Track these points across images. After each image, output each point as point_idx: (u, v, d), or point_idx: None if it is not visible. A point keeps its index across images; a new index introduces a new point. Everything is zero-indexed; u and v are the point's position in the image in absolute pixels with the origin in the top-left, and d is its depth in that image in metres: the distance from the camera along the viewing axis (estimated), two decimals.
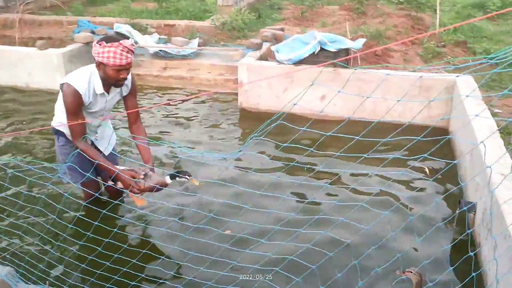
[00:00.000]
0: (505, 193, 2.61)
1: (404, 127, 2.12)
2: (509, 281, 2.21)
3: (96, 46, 2.88)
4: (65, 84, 2.93)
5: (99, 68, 2.95)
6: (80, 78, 2.96)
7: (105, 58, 2.86)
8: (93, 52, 2.92)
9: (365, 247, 2.97)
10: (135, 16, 8.83)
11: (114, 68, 2.88)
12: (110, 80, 2.97)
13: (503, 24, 8.20)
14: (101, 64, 2.91)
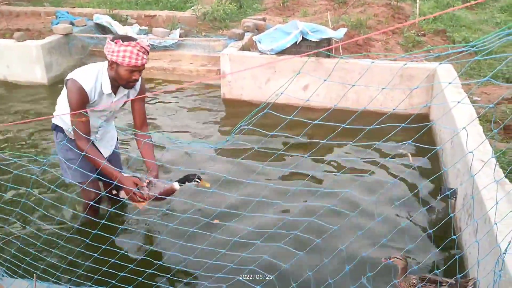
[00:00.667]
0: (485, 179, 2.68)
1: (387, 115, 2.16)
2: (488, 264, 2.28)
3: (111, 44, 2.74)
4: (71, 79, 2.80)
5: (111, 67, 2.82)
6: (87, 75, 2.83)
7: (120, 57, 2.74)
8: (106, 50, 2.78)
9: (351, 233, 3.03)
10: (115, 6, 8.71)
11: (128, 68, 2.77)
12: (121, 81, 2.85)
13: (481, 13, 8.32)
14: (114, 63, 2.78)
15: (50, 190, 3.37)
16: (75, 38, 6.79)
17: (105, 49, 2.79)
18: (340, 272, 2.26)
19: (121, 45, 2.72)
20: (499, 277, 1.84)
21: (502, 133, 4.04)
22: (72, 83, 2.78)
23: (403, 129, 1.90)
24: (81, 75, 2.81)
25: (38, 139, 4.77)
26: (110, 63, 2.81)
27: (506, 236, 2.11)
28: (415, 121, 4.66)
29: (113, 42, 2.74)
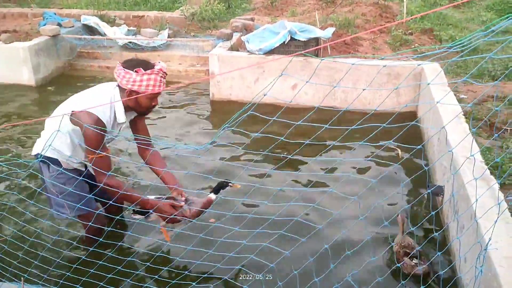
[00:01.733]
0: (470, 176, 2.71)
1: (373, 114, 2.17)
2: (474, 260, 2.31)
3: (131, 74, 2.56)
4: (84, 113, 2.50)
5: (129, 95, 2.62)
6: (103, 105, 2.59)
7: (143, 86, 2.57)
8: (124, 80, 2.58)
9: (337, 232, 3.05)
10: (103, 7, 8.67)
11: (150, 96, 2.63)
12: (141, 109, 2.72)
13: (468, 11, 8.40)
14: (134, 92, 2.60)
15: (37, 193, 3.35)
16: (62, 40, 6.75)
17: (123, 78, 2.58)
18: (326, 270, 2.28)
19: (144, 74, 2.56)
20: (481, 273, 1.87)
21: (488, 130, 4.09)
22: (89, 117, 2.50)
23: (392, 127, 1.92)
24: (94, 105, 2.53)
25: (27, 141, 4.73)
26: (128, 92, 2.61)
27: (486, 232, 2.14)
28: (403, 119, 4.69)
29: (133, 72, 2.56)
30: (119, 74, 2.60)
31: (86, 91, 2.78)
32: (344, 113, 2.09)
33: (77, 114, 2.51)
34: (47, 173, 2.74)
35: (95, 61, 7.02)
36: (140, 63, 2.62)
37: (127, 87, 2.59)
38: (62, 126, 2.49)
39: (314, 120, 1.99)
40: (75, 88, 6.20)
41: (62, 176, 2.71)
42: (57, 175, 2.71)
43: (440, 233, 3.17)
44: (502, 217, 2.35)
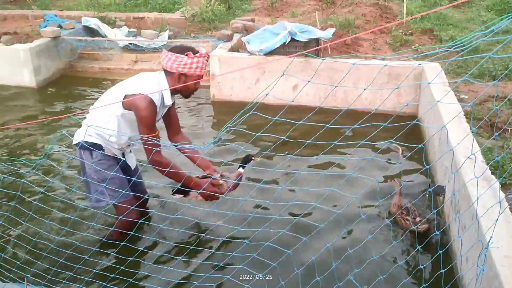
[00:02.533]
0: (471, 175, 2.71)
1: (373, 114, 2.18)
2: (475, 258, 2.31)
3: (183, 58, 2.76)
4: (140, 96, 2.68)
5: (179, 79, 2.82)
6: (152, 89, 2.76)
7: (192, 69, 2.79)
8: (175, 63, 2.77)
9: (337, 231, 3.05)
10: (103, 9, 8.69)
11: (196, 78, 2.82)
12: (187, 92, 2.91)
13: (468, 11, 8.41)
14: (183, 75, 2.81)
15: (40, 193, 3.36)
16: (63, 41, 6.77)
17: (174, 62, 2.76)
18: (328, 269, 2.28)
19: (194, 57, 2.76)
20: (482, 271, 1.87)
21: (489, 130, 4.10)
22: (144, 99, 2.68)
23: (393, 127, 1.93)
24: (147, 89, 2.73)
25: (26, 143, 4.74)
26: (178, 75, 2.80)
27: (487, 231, 2.15)
28: (404, 119, 4.70)
29: (185, 55, 2.75)
30: (169, 58, 2.78)
31: (127, 81, 2.92)
32: (345, 113, 2.10)
33: (131, 97, 2.69)
34: (90, 159, 2.83)
35: (96, 63, 7.04)
36: (188, 48, 2.81)
37: (177, 70, 2.78)
38: (111, 112, 2.74)
39: (315, 120, 2.00)
40: (76, 89, 6.27)
41: (104, 162, 2.85)
42: (100, 160, 2.84)
43: (441, 232, 3.17)
44: (503, 216, 2.36)
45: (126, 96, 2.72)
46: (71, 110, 5.50)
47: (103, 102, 2.85)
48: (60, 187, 3.32)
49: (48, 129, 4.97)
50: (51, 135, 4.75)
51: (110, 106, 2.71)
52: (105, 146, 2.87)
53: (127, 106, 2.73)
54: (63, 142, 4.61)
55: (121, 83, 2.92)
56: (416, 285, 2.72)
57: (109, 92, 2.89)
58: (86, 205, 3.16)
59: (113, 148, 2.91)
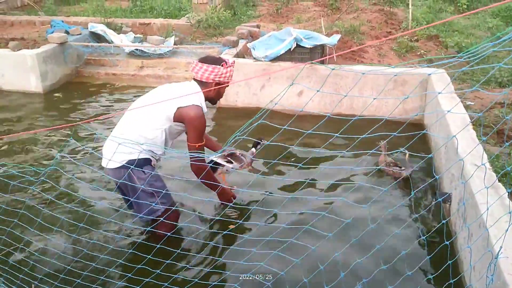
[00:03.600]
0: (479, 184, 2.71)
1: (381, 122, 2.18)
2: (483, 268, 2.30)
3: (219, 68, 2.99)
4: (194, 106, 2.91)
5: (214, 88, 3.04)
6: (199, 98, 3.00)
7: (227, 77, 3.05)
8: (212, 74, 2.99)
9: (345, 241, 3.04)
10: (109, 15, 8.75)
11: (227, 85, 3.08)
12: (218, 98, 3.19)
13: (473, 18, 8.40)
14: (218, 84, 3.03)
15: (48, 200, 3.37)
16: (70, 47, 6.80)
17: (211, 72, 2.99)
18: (335, 279, 2.27)
19: (228, 66, 3.03)
20: (491, 281, 1.86)
21: (496, 138, 4.09)
22: (198, 109, 2.91)
23: (399, 134, 1.93)
24: (197, 100, 2.95)
25: (35, 150, 4.76)
26: (213, 85, 3.02)
27: (497, 240, 2.14)
28: (410, 127, 4.70)
29: (221, 66, 3.00)
30: (205, 69, 3.00)
31: (163, 91, 3.09)
32: (350, 120, 2.09)
33: (185, 109, 2.88)
34: (142, 175, 2.89)
35: (102, 68, 7.07)
36: (219, 59, 3.06)
37: (214, 80, 3.02)
38: (158, 126, 2.90)
39: (322, 128, 2.00)
40: (83, 94, 6.30)
41: (154, 175, 2.97)
42: (152, 176, 2.91)
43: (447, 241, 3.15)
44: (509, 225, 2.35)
45: (179, 108, 2.88)
46: (78, 115, 5.51)
47: (147, 116, 2.93)
48: (69, 193, 3.33)
49: (56, 135, 4.99)
50: (61, 142, 4.77)
51: (156, 120, 2.89)
52: (152, 159, 3.01)
53: (179, 118, 2.90)
54: (72, 149, 4.63)
55: (156, 95, 3.05)
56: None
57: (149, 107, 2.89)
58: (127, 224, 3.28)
59: (154, 160, 3.05)
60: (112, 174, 2.93)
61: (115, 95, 6.34)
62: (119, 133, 2.94)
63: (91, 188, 3.76)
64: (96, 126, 5.27)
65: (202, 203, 3.28)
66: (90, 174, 4.13)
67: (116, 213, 3.42)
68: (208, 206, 3.56)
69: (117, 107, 5.88)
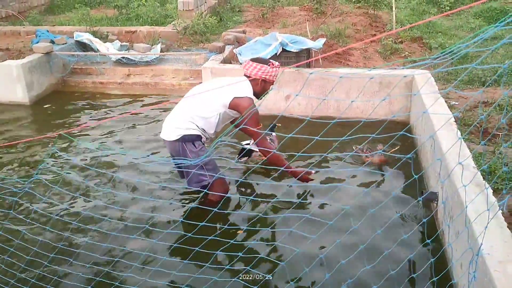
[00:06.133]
0: (463, 182, 2.74)
1: (366, 122, 2.21)
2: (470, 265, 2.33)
3: (267, 67, 3.54)
4: (247, 98, 3.46)
5: (260, 84, 3.57)
6: (250, 91, 3.53)
7: (272, 76, 3.57)
8: (260, 71, 3.52)
9: (330, 241, 3.07)
10: (95, 23, 8.74)
11: (271, 83, 3.61)
12: (263, 92, 3.63)
13: (456, 19, 8.52)
14: (264, 81, 3.57)
15: (32, 211, 3.35)
16: (56, 57, 6.77)
17: (259, 69, 3.52)
18: (321, 280, 2.29)
19: (274, 67, 3.57)
20: (474, 278, 1.89)
21: (480, 136, 4.14)
22: (251, 101, 3.47)
23: (385, 135, 1.97)
24: (250, 93, 3.51)
25: (21, 160, 4.72)
26: (260, 82, 3.57)
27: (478, 237, 2.16)
28: (397, 127, 4.73)
29: (267, 65, 3.54)
30: (255, 67, 3.56)
31: (221, 81, 3.68)
32: (337, 122, 2.12)
33: (240, 100, 3.44)
34: (194, 148, 3.45)
35: (89, 77, 7.05)
36: (268, 60, 3.64)
37: (261, 77, 3.55)
38: (215, 109, 3.46)
39: (309, 131, 2.02)
40: (69, 104, 6.26)
41: (203, 149, 3.50)
42: (201, 148, 3.49)
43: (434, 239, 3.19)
44: (496, 221, 2.38)
45: (235, 98, 3.44)
46: (64, 126, 5.48)
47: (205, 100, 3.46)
48: (53, 201, 3.32)
49: (41, 146, 4.95)
50: (44, 152, 4.74)
51: (214, 104, 3.46)
52: (203, 137, 3.52)
53: (233, 106, 3.45)
54: (56, 158, 4.60)
55: (212, 84, 3.70)
56: None
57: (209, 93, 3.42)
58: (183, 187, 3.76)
59: (205, 138, 3.58)
60: (168, 145, 3.56)
61: (102, 103, 6.31)
62: (178, 112, 3.54)
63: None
64: (81, 134, 5.25)
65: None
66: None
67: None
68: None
69: (102, 115, 5.85)
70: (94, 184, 3.99)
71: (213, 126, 3.54)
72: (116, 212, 3.59)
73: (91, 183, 4.01)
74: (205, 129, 3.52)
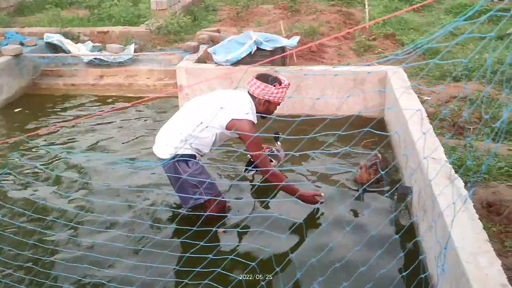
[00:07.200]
0: (435, 175, 2.77)
1: (341, 119, 2.22)
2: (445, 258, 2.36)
3: (271, 88, 3.25)
4: (247, 121, 3.19)
5: (264, 104, 3.32)
6: (252, 112, 3.26)
7: (277, 97, 3.29)
8: (263, 92, 3.26)
9: (301, 240, 3.09)
10: (66, 24, 8.58)
11: (277, 104, 3.36)
12: (266, 114, 3.36)
13: (428, 15, 8.65)
14: (268, 102, 3.31)
15: None
16: (25, 59, 6.62)
17: (262, 90, 3.26)
18: (292, 280, 2.29)
19: (280, 87, 3.27)
20: (442, 271, 1.91)
21: (452, 130, 4.21)
22: (252, 125, 3.21)
23: (361, 131, 2.01)
24: (251, 114, 3.23)
25: None
26: (263, 102, 3.31)
27: (448, 230, 2.19)
28: (371, 123, 4.76)
29: (272, 86, 3.25)
30: (258, 86, 3.28)
31: (220, 97, 3.40)
32: (313, 120, 2.13)
33: (238, 123, 3.18)
34: (187, 168, 3.23)
35: (60, 79, 6.90)
36: (275, 78, 3.31)
37: (263, 97, 3.29)
38: (212, 129, 3.18)
39: (286, 128, 2.02)
40: (41, 107, 6.12)
41: (198, 168, 3.28)
42: (196, 168, 3.26)
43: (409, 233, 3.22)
44: (467, 214, 2.42)
45: (233, 120, 3.18)
46: (35, 130, 5.36)
47: (200, 118, 3.16)
48: None
49: (8, 150, 4.83)
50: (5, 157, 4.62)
51: (210, 123, 3.11)
52: (197, 156, 3.32)
53: (231, 128, 3.20)
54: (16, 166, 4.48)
55: (215, 101, 3.33)
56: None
57: (204, 110, 3.23)
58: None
59: (201, 157, 3.42)
60: (160, 161, 3.31)
61: (75, 106, 6.19)
62: (172, 127, 3.33)
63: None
64: (50, 137, 5.15)
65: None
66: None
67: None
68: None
69: (74, 117, 5.74)
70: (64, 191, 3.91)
71: (208, 146, 3.34)
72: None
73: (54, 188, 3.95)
74: (200, 148, 3.32)
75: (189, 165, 3.24)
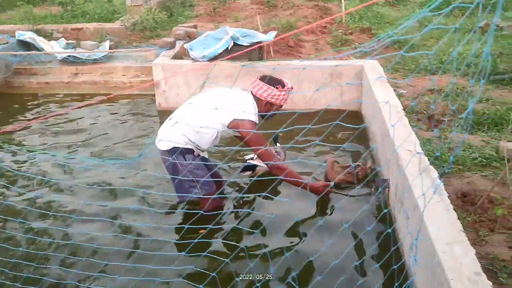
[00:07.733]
0: (411, 167, 2.80)
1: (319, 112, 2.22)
2: (421, 249, 2.38)
3: (273, 90, 3.27)
4: (248, 121, 3.19)
5: (265, 106, 3.33)
6: (254, 112, 3.27)
7: (279, 100, 3.31)
8: (265, 93, 3.27)
9: (275, 234, 3.09)
10: (39, 21, 8.38)
11: (280, 107, 3.37)
12: (268, 115, 3.38)
13: (403, 9, 8.75)
14: (269, 103, 3.33)
15: None
16: None
17: (264, 91, 3.28)
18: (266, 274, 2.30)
19: (283, 90, 3.29)
20: (415, 261, 1.92)
21: (427, 123, 4.26)
22: (251, 123, 3.20)
23: (339, 125, 2.05)
24: (254, 115, 3.24)
25: None
26: (265, 104, 3.33)
27: (420, 220, 2.21)
28: (349, 117, 4.78)
29: (276, 88, 3.27)
30: (261, 87, 3.30)
31: (223, 96, 3.39)
32: (290, 114, 2.14)
33: (240, 123, 3.20)
34: (183, 161, 3.27)
35: (34, 77, 6.75)
36: (279, 81, 3.33)
37: (266, 99, 3.31)
38: (213, 127, 3.21)
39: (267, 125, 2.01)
40: (14, 106, 5.98)
41: (195, 162, 3.30)
42: (192, 161, 3.28)
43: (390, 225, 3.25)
44: (442, 204, 2.45)
45: (235, 119, 3.20)
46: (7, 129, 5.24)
47: (202, 115, 3.24)
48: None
49: None
50: None
51: (212, 121, 3.20)
52: (195, 151, 3.33)
53: (233, 127, 3.22)
54: None
55: (218, 99, 3.32)
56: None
57: (207, 107, 3.22)
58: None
59: (201, 152, 3.45)
60: (160, 154, 3.36)
61: (49, 104, 6.07)
62: (172, 122, 3.33)
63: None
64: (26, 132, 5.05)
65: None
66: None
67: None
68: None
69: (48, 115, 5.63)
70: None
71: (208, 142, 3.34)
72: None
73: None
74: (199, 144, 3.33)
75: (185, 158, 3.28)
